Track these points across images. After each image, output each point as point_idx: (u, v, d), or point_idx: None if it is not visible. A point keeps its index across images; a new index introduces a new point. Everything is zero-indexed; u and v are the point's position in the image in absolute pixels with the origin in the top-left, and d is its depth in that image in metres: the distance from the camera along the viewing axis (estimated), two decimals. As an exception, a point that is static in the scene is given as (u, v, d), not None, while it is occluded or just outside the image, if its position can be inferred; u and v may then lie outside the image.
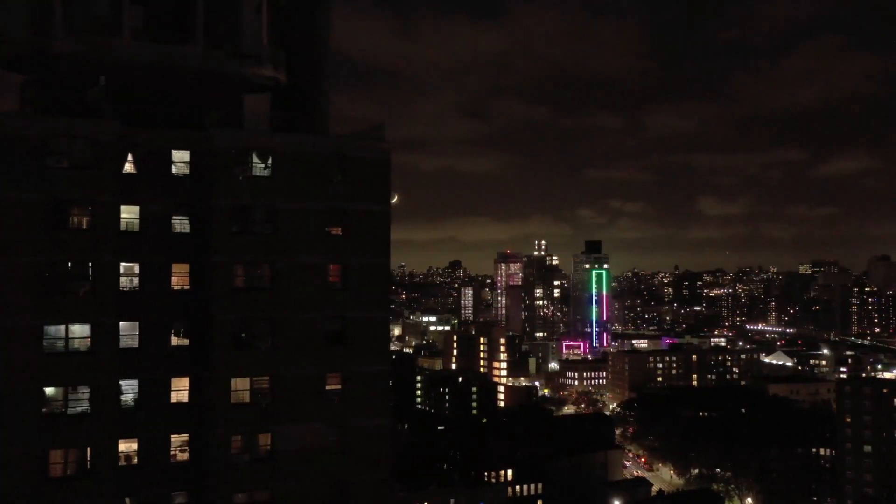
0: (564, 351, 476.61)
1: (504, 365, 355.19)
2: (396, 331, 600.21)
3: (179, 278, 51.02)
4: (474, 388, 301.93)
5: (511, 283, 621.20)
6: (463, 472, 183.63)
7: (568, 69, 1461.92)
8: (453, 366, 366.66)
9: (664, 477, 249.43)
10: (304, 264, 52.44)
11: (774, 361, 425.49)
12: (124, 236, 49.51)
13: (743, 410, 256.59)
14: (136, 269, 50.15)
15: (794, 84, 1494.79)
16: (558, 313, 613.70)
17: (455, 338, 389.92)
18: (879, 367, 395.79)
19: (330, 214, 53.31)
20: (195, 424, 50.72)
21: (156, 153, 50.79)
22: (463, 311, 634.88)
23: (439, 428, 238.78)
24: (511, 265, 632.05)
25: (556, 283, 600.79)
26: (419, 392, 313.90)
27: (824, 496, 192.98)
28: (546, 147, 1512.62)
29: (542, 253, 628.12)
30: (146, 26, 58.43)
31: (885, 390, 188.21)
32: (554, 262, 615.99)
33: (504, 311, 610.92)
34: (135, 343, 49.87)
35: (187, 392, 51.06)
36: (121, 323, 49.49)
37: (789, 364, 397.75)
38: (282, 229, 51.91)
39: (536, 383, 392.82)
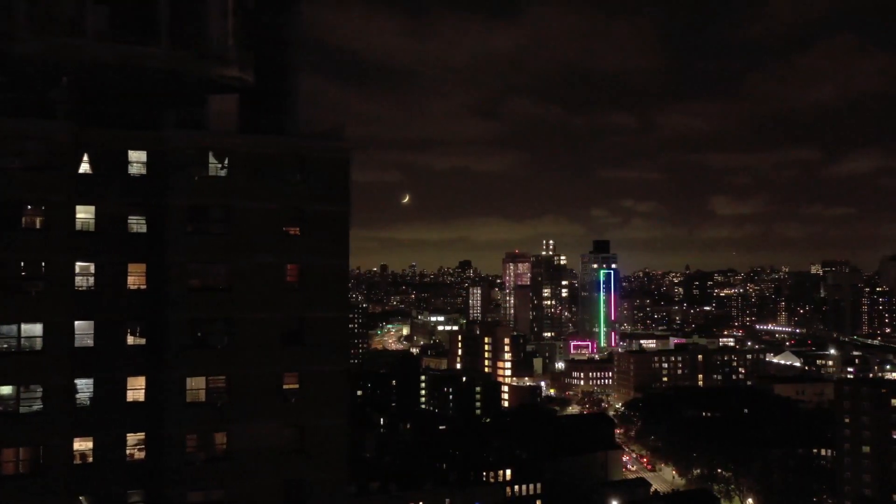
0: (572, 351, 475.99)
1: (508, 365, 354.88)
2: (405, 330, 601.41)
3: (136, 278, 51.25)
4: (478, 388, 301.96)
5: (519, 282, 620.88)
6: (462, 472, 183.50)
7: (581, 68, 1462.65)
8: (458, 366, 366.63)
9: (666, 477, 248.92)
10: (261, 264, 52.61)
11: (782, 362, 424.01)
12: (80, 236, 49.75)
13: (746, 411, 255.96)
14: (92, 268, 50.39)
15: (809, 83, 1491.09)
16: (566, 313, 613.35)
17: (460, 338, 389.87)
18: (888, 367, 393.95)
19: (288, 214, 53.49)
20: (151, 423, 50.94)
21: (112, 153, 51.06)
22: (471, 311, 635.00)
23: (441, 428, 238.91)
24: (519, 265, 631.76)
25: (564, 282, 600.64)
26: (423, 392, 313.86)
27: (824, 497, 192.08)
28: (559, 147, 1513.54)
29: (550, 253, 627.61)
30: (111, 27, 58.91)
31: (883, 390, 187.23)
32: (562, 262, 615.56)
33: (512, 311, 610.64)
34: (90, 342, 50.09)
35: (143, 391, 51.24)
36: (76, 322, 49.75)
37: (797, 364, 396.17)
38: (238, 229, 52.09)
39: (542, 383, 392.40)
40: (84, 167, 50.67)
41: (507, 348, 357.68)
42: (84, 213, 50.16)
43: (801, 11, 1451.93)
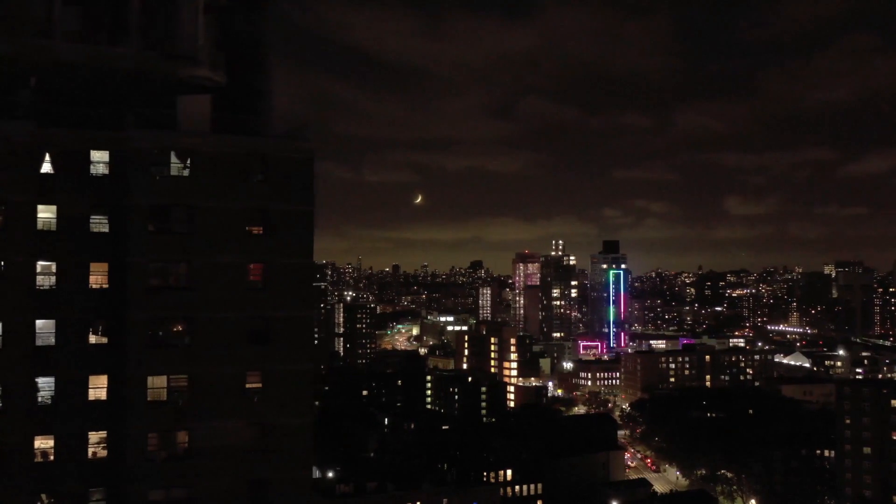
0: (581, 351, 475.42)
1: (514, 365, 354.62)
2: (415, 331, 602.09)
3: (98, 277, 51.49)
4: (483, 389, 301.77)
5: (529, 283, 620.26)
6: (462, 472, 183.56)
7: (597, 68, 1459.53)
8: (465, 366, 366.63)
9: (670, 478, 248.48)
10: (224, 263, 52.74)
11: (792, 362, 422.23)
12: (41, 236, 50.02)
13: (750, 411, 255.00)
14: (54, 268, 50.66)
15: (825, 83, 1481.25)
16: (577, 314, 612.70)
17: (466, 338, 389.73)
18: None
19: (251, 214, 53.62)
20: (113, 422, 51.19)
21: (73, 153, 51.30)
22: (481, 312, 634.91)
23: (444, 428, 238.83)
24: (529, 265, 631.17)
25: (573, 283, 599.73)
26: (429, 392, 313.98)
27: (825, 498, 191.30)
28: (573, 147, 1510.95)
29: (560, 253, 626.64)
30: (81, 27, 59.22)
31: (884, 391, 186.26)
32: (571, 262, 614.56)
33: (522, 312, 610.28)
34: (52, 341, 50.35)
35: (105, 390, 51.48)
36: (38, 321, 50.05)
37: (806, 365, 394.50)
38: (201, 229, 52.24)
39: (550, 383, 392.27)
40: (46, 167, 50.90)
41: (512, 349, 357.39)
42: (46, 213, 50.43)
43: (817, 10, 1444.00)
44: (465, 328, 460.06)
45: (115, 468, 51.03)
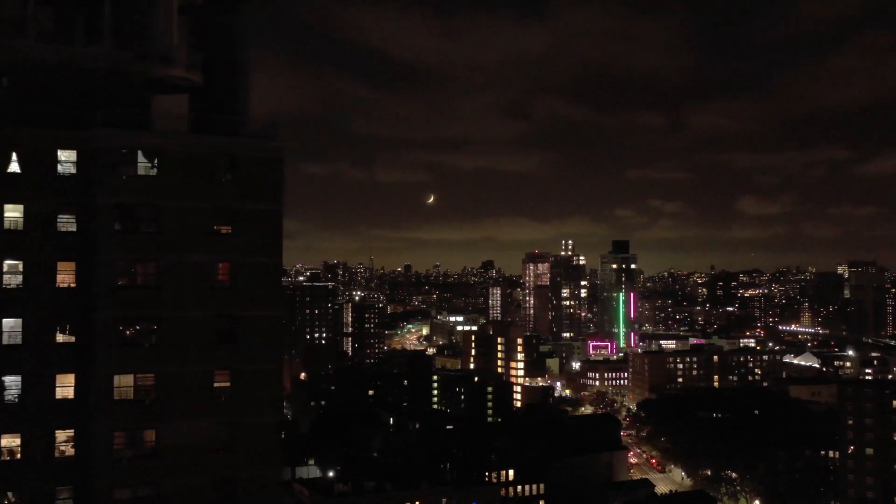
0: (591, 351, 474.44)
1: (521, 365, 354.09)
2: (424, 331, 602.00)
3: (65, 276, 51.74)
4: (489, 389, 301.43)
5: (539, 283, 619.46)
6: (464, 472, 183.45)
7: (610, 68, 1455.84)
8: (472, 366, 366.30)
9: (675, 478, 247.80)
10: (191, 263, 52.90)
11: (802, 363, 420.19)
12: (8, 235, 50.29)
13: (756, 412, 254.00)
14: (21, 267, 50.90)
15: (840, 82, 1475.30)
16: (588, 314, 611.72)
17: (473, 338, 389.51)
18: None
19: (219, 213, 53.75)
20: (80, 420, 51.39)
21: (41, 153, 51.50)
22: (491, 312, 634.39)
23: (448, 427, 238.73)
24: (539, 265, 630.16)
25: (583, 283, 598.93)
26: (436, 392, 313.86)
27: (828, 499, 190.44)
28: (586, 147, 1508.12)
29: (569, 253, 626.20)
30: (55, 27, 59.54)
31: (887, 391, 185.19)
32: (581, 262, 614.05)
33: (532, 311, 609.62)
34: (18, 340, 50.58)
35: (73, 388, 51.68)
36: (4, 320, 50.33)
37: (815, 365, 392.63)
38: (168, 228, 52.40)
39: (558, 384, 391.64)
40: (14, 167, 51.13)
41: (519, 348, 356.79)
42: (13, 213, 50.69)
43: (832, 9, 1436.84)
44: (474, 328, 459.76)
45: (83, 466, 51.22)
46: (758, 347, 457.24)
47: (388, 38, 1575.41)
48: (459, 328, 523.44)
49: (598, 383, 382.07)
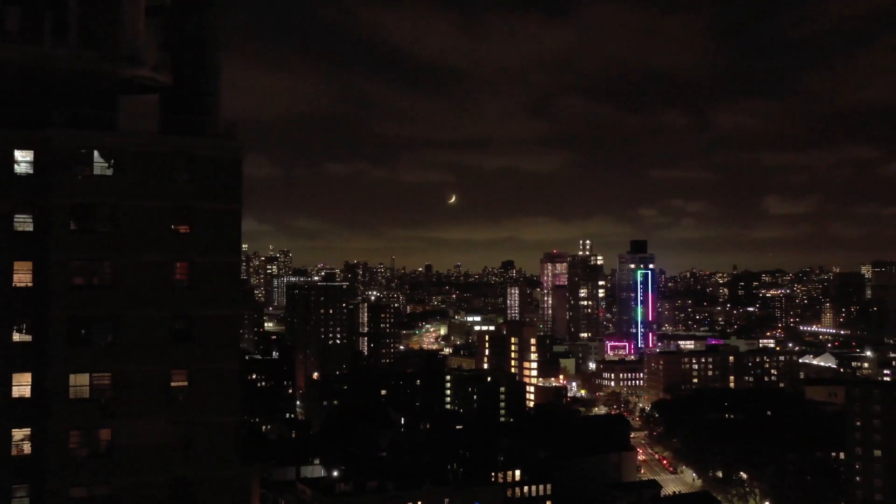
0: (609, 351, 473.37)
1: (534, 365, 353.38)
2: (442, 330, 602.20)
3: (22, 276, 51.97)
4: (502, 389, 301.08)
5: (557, 283, 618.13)
6: (469, 472, 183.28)
7: (635, 67, 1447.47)
8: (486, 366, 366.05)
9: (686, 479, 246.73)
10: (149, 262, 52.99)
11: (822, 363, 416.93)
12: (-36, 234, 50.61)
13: (769, 413, 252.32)
14: (-24, 266, 51.20)
15: (868, 80, 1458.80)
16: (608, 314, 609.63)
17: (487, 338, 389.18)
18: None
19: (176, 213, 53.82)
20: (37, 419, 51.63)
21: (-2, 153, 51.81)
22: (509, 312, 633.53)
23: (458, 427, 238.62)
24: (557, 265, 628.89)
25: (601, 283, 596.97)
26: (448, 392, 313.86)
27: (836, 501, 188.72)
28: (610, 146, 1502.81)
29: (587, 253, 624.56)
30: (21, 28, 59.82)
31: (895, 392, 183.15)
32: (598, 262, 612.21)
33: (550, 311, 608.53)
34: (-26, 339, 50.93)
35: (29, 387, 51.93)
36: (-39, 319, 50.66)
37: (833, 366, 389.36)
38: (125, 227, 52.53)
39: (574, 384, 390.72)
40: (-31, 167, 51.47)
41: (532, 349, 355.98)
42: (-31, 212, 50.98)
43: (860, 7, 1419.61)
44: (490, 328, 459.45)
45: (39, 465, 51.45)
46: (777, 348, 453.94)
47: (412, 38, 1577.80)
48: (477, 328, 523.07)
49: (613, 384, 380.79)
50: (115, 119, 58.73)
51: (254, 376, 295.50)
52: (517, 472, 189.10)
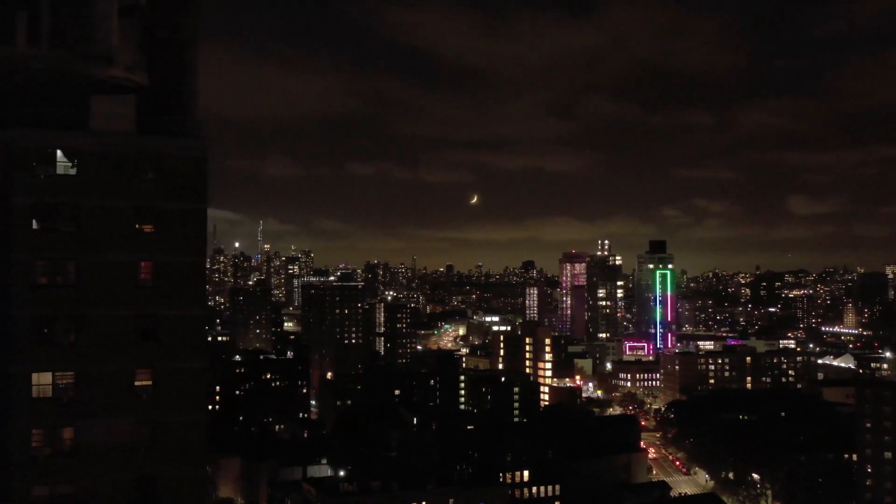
0: (628, 351, 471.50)
1: (549, 365, 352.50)
2: (461, 331, 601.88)
3: (-16, 276, 52.17)
4: (516, 389, 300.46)
5: (576, 283, 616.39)
6: (478, 473, 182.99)
7: (659, 66, 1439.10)
8: (500, 366, 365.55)
9: (699, 481, 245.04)
10: (113, 262, 53.05)
11: (842, 364, 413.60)
12: (-73, 234, 50.88)
13: (783, 414, 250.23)
14: (-62, 266, 51.47)
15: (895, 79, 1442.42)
16: (627, 314, 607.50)
17: (502, 338, 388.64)
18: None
19: (141, 212, 53.89)
20: (0, 418, 51.84)
21: (-41, 153, 52.03)
22: (528, 312, 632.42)
23: (469, 428, 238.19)
24: (576, 265, 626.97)
25: (619, 283, 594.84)
26: (463, 392, 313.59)
27: (846, 503, 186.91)
28: (633, 146, 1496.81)
29: (605, 253, 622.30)
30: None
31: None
32: (617, 262, 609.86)
33: (569, 312, 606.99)
34: (-63, 338, 51.19)
35: (-8, 386, 52.16)
36: (-77, 318, 50.94)
37: (852, 367, 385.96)
38: (88, 227, 52.61)
39: (591, 384, 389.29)
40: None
41: (547, 349, 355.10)
42: (-68, 212, 51.25)
43: (889, 3, 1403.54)
44: (507, 328, 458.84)
45: (1, 464, 51.62)
46: (797, 349, 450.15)
47: (435, 38, 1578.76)
48: (495, 328, 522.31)
49: (629, 384, 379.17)
50: (86, 119, 59.04)
51: (268, 376, 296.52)
52: (525, 473, 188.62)
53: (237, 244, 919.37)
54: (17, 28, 59.32)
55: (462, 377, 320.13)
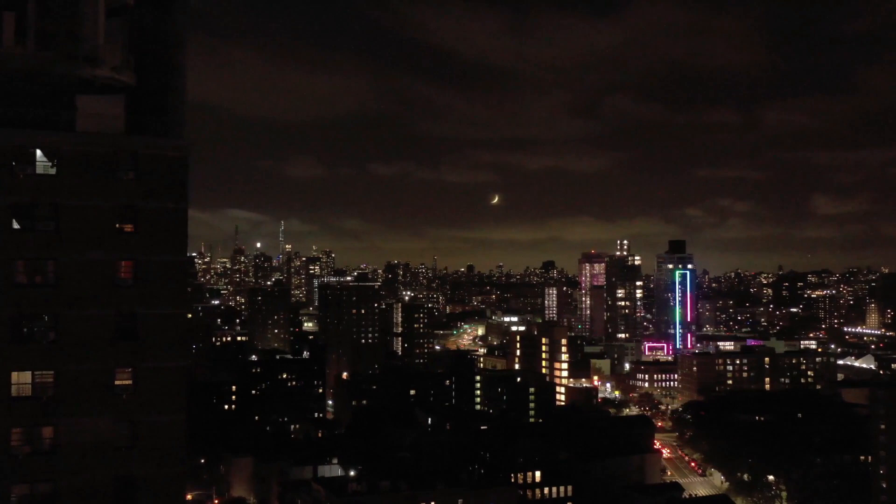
0: (647, 352, 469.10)
1: (565, 366, 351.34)
2: (480, 331, 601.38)
3: (-38, 275, 52.30)
4: (531, 389, 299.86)
5: (595, 283, 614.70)
6: (489, 473, 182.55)
7: (683, 65, 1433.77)
8: (517, 366, 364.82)
9: (715, 482, 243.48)
10: (92, 261, 53.09)
11: (864, 365, 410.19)
12: None
13: (799, 415, 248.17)
14: (-84, 265, 51.62)
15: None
16: (648, 314, 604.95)
17: (519, 338, 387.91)
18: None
19: (121, 212, 53.90)
20: (-21, 417, 51.98)
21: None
22: (547, 312, 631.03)
23: (483, 428, 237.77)
24: (595, 265, 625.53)
25: (639, 283, 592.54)
26: (478, 392, 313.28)
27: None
28: (658, 146, 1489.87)
29: (625, 253, 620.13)
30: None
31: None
32: (636, 262, 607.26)
33: (588, 312, 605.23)
34: (-85, 338, 51.34)
35: (-29, 386, 52.27)
36: None
37: (873, 367, 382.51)
38: (67, 226, 52.64)
39: (608, 385, 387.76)
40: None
41: (563, 349, 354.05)
42: None
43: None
44: (523, 328, 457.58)
45: (-19, 462, 51.77)
46: (819, 350, 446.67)
47: (457, 38, 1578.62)
48: (514, 328, 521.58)
49: (647, 385, 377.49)
50: (73, 119, 59.26)
51: (284, 375, 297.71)
52: (537, 473, 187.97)
53: (259, 244, 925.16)
54: (3, 28, 59.63)
55: (478, 377, 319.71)
